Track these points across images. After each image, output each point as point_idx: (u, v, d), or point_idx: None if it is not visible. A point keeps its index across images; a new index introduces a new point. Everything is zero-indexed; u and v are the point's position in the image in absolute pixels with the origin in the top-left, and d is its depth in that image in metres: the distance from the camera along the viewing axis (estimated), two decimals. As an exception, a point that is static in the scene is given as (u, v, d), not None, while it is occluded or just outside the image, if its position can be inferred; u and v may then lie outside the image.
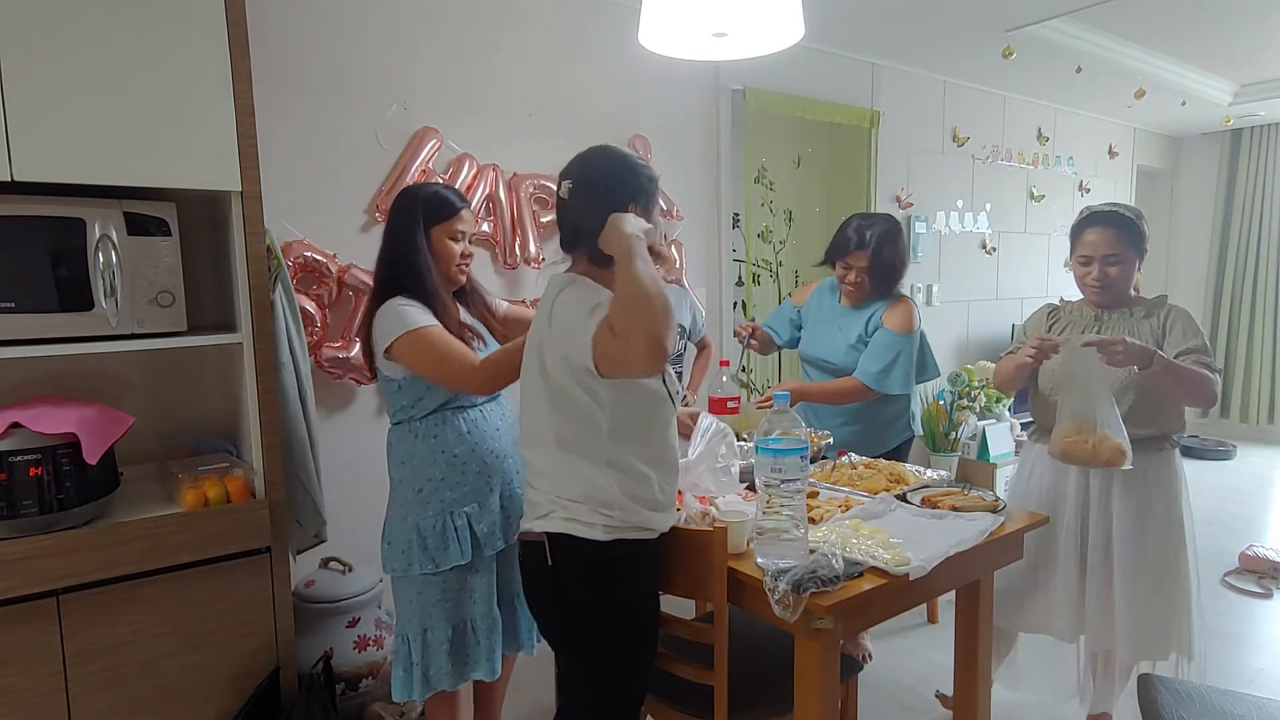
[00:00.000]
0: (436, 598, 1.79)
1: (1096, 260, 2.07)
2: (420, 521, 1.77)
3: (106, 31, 1.64)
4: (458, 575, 1.79)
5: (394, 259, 1.81)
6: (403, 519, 1.80)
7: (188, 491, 1.78)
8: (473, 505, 1.80)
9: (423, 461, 1.78)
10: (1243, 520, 4.29)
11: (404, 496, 1.81)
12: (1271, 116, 5.67)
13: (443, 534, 1.76)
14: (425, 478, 1.78)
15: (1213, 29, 3.79)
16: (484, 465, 1.82)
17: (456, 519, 1.78)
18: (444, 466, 1.78)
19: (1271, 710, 1.66)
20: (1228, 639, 2.94)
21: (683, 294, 2.98)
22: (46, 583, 1.61)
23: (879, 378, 2.39)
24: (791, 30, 1.84)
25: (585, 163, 1.53)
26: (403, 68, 2.61)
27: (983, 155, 4.82)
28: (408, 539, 1.78)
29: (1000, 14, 3.41)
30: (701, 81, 3.40)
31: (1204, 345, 1.99)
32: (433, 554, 1.77)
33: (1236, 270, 6.16)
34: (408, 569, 1.78)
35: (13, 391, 1.90)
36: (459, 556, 1.77)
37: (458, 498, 1.79)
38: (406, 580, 1.80)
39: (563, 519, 1.42)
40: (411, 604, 1.81)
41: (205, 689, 1.82)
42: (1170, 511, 2.05)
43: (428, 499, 1.78)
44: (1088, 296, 2.16)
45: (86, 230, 1.69)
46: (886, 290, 2.48)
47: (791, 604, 1.40)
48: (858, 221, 2.44)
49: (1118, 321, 2.10)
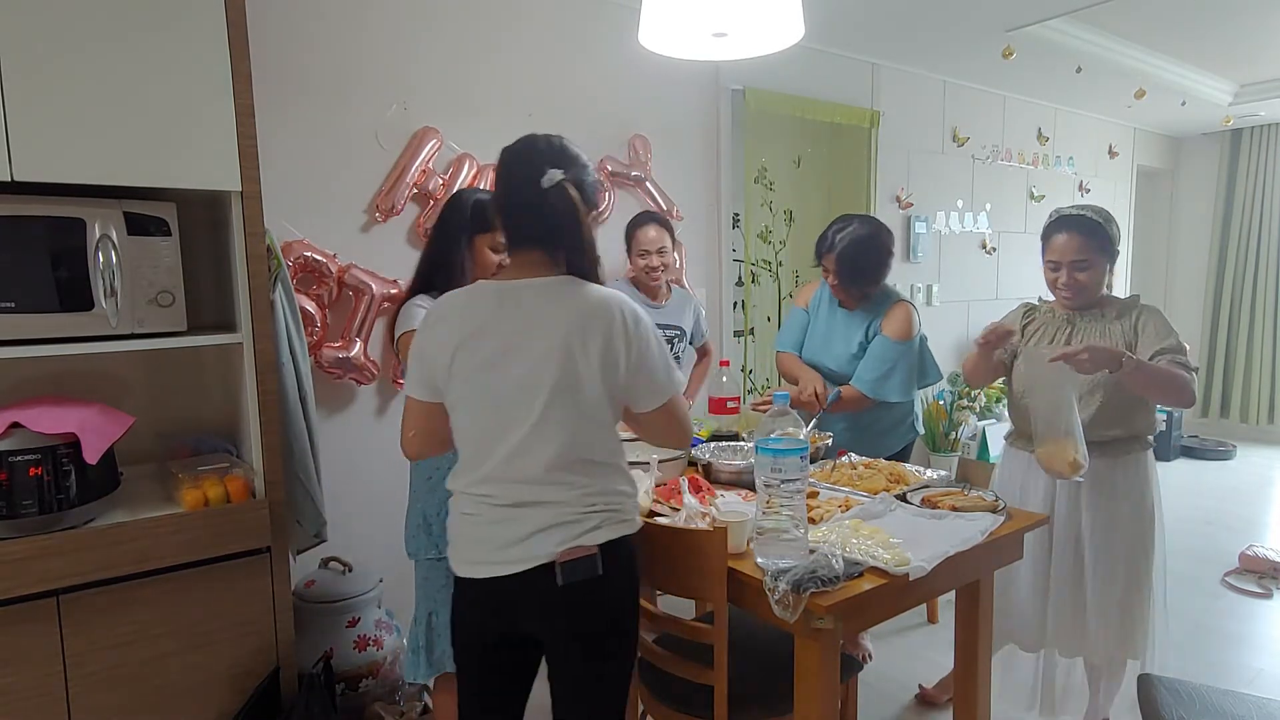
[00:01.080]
0: (441, 582, 1.83)
1: (1064, 266, 2.05)
2: (426, 508, 1.86)
3: (106, 32, 1.64)
4: None
5: (433, 259, 1.91)
6: (414, 504, 1.89)
7: (188, 491, 1.78)
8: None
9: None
10: (1243, 520, 4.29)
11: (417, 483, 1.90)
12: (1271, 116, 5.67)
13: (447, 521, 1.77)
14: (434, 465, 1.84)
15: (1213, 29, 3.79)
16: None
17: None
18: (452, 456, 1.77)
19: (1271, 710, 1.66)
20: (1228, 639, 2.94)
21: (686, 297, 2.98)
22: (46, 583, 1.61)
23: (876, 385, 2.38)
24: (791, 30, 1.84)
25: (565, 153, 1.40)
26: (403, 68, 2.61)
27: (983, 155, 4.82)
28: (417, 524, 1.87)
29: (1000, 14, 3.41)
30: (701, 81, 3.40)
31: (1178, 345, 1.96)
32: (436, 540, 1.84)
33: (1236, 270, 6.16)
34: (417, 553, 1.88)
35: (13, 391, 1.90)
36: None
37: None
38: (419, 565, 1.89)
39: (612, 525, 1.39)
40: (420, 588, 1.90)
41: (205, 689, 1.82)
42: (1139, 515, 2.04)
43: (435, 486, 1.84)
44: (1058, 301, 2.15)
45: (86, 230, 1.69)
46: (859, 293, 2.45)
47: (791, 604, 1.40)
48: (837, 224, 2.43)
49: (1089, 323, 2.08)
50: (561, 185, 1.35)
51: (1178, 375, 1.90)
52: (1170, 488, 4.75)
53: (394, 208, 2.59)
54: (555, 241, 1.39)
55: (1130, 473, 2.05)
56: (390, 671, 2.26)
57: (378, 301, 2.55)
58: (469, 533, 1.42)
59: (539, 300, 1.37)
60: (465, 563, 1.42)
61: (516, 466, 1.36)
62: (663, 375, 1.42)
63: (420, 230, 2.66)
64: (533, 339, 1.35)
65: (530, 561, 1.34)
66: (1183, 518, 4.24)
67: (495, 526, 1.38)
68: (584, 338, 1.34)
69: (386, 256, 2.62)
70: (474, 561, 1.40)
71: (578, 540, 1.34)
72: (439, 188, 2.65)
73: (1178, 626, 2.71)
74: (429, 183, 2.64)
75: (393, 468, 2.68)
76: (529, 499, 1.36)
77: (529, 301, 1.37)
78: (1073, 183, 5.54)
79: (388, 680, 2.24)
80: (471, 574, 1.41)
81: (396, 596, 2.54)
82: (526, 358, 1.34)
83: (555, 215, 1.36)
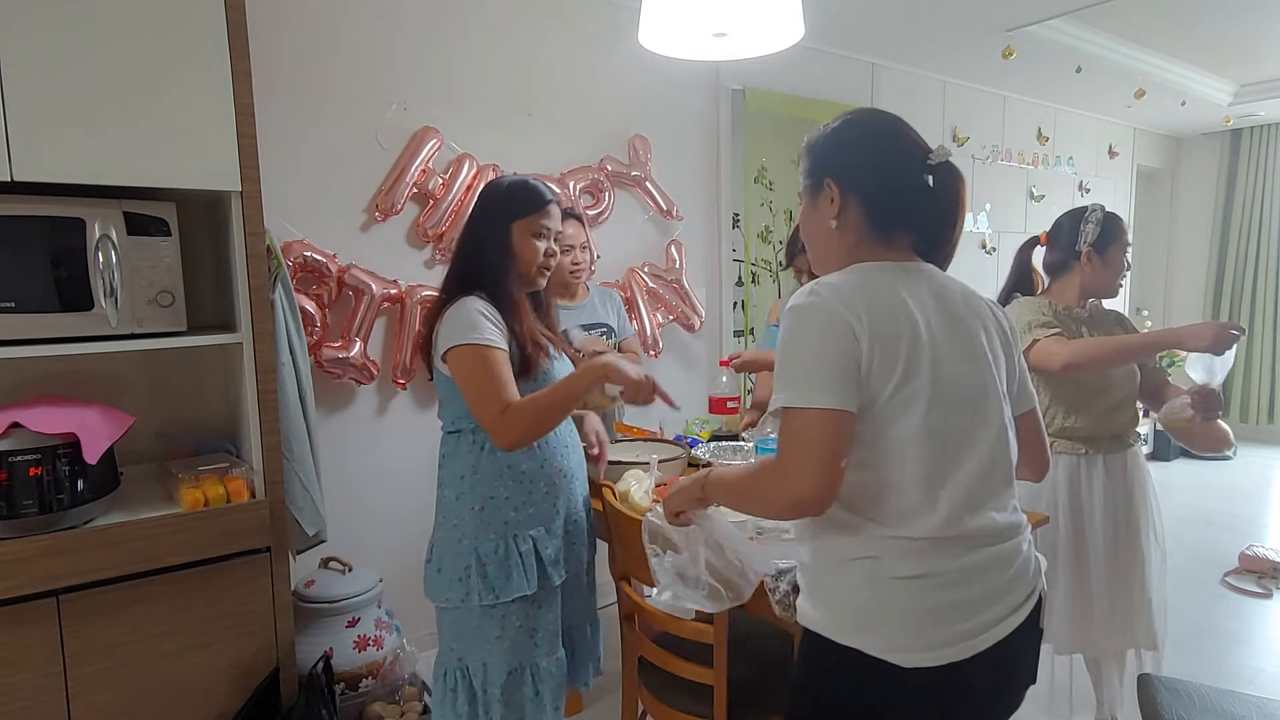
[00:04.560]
0: (494, 633, 1.59)
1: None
2: (480, 545, 1.58)
3: (106, 32, 1.64)
4: (520, 608, 1.60)
5: (471, 254, 1.64)
6: (457, 541, 1.60)
7: (188, 491, 1.78)
8: (538, 529, 1.62)
9: (486, 477, 1.59)
10: (1243, 520, 4.29)
11: (459, 516, 1.60)
12: (1271, 116, 5.67)
13: (505, 560, 1.58)
14: (487, 495, 1.59)
15: (1213, 29, 3.79)
16: (552, 484, 1.64)
17: (521, 543, 1.59)
18: (510, 484, 1.60)
19: (1271, 710, 1.65)
20: (1228, 639, 2.94)
21: (606, 293, 2.79)
22: (46, 583, 1.61)
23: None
24: (791, 30, 1.84)
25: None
26: (403, 68, 2.61)
27: (983, 155, 4.82)
28: (464, 565, 1.58)
29: (1000, 14, 3.41)
30: (701, 81, 3.40)
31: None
32: (493, 583, 1.57)
33: (1236, 270, 6.16)
34: (464, 599, 1.58)
35: (13, 391, 1.90)
36: (524, 586, 1.57)
37: (522, 519, 1.60)
38: (462, 611, 1.60)
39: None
40: (468, 636, 1.61)
41: (205, 689, 1.82)
42: (1136, 506, 2.06)
43: (489, 520, 1.59)
44: (1112, 294, 2.12)
45: (86, 230, 1.69)
46: None
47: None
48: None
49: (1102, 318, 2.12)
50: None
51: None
52: (1170, 488, 4.77)
53: (394, 207, 2.59)
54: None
55: (1130, 466, 2.07)
56: (390, 671, 2.25)
57: (378, 301, 2.55)
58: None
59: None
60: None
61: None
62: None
63: (420, 230, 2.66)
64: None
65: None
66: (1183, 518, 4.24)
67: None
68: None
69: (386, 256, 2.62)
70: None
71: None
72: (439, 187, 2.65)
73: (1178, 626, 2.71)
74: (429, 182, 2.64)
75: (393, 468, 2.69)
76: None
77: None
78: (1073, 183, 5.54)
79: (388, 680, 2.24)
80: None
81: (396, 596, 2.54)
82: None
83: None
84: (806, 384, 1.04)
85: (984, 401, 1.12)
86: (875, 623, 1.07)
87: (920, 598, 1.06)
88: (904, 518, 1.07)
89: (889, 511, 1.07)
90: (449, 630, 1.64)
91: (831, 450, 1.02)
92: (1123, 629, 2.07)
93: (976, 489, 1.09)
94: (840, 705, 1.11)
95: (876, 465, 1.08)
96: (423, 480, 2.75)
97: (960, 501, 1.07)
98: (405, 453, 2.70)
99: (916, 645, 1.05)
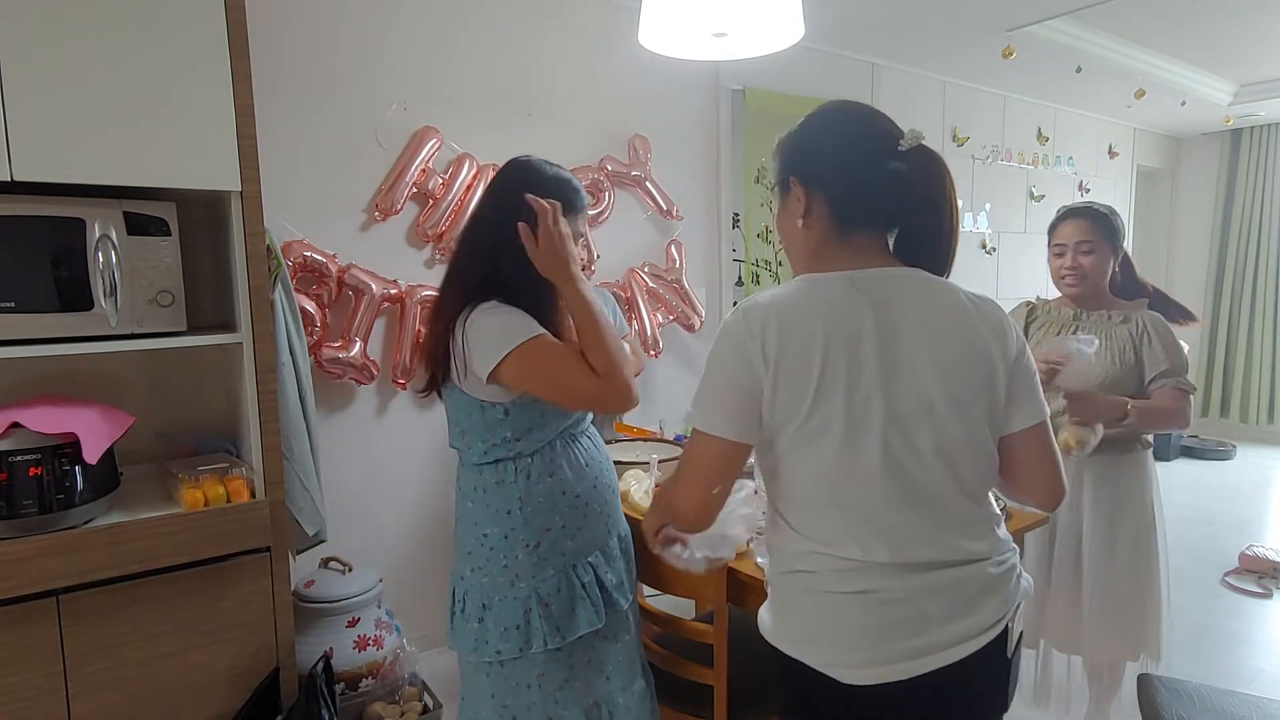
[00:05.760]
0: (563, 678, 1.42)
1: (1069, 248, 2.09)
2: (540, 586, 1.39)
3: (106, 31, 1.64)
4: (586, 645, 1.45)
5: (490, 249, 1.41)
6: (509, 586, 1.40)
7: (188, 491, 1.78)
8: (595, 554, 1.46)
9: (540, 507, 1.41)
10: (1243, 520, 4.28)
11: (510, 558, 1.40)
12: (1271, 116, 5.67)
13: (569, 596, 1.41)
14: (543, 528, 1.40)
15: (1213, 29, 3.79)
16: (604, 503, 1.49)
17: (582, 574, 1.43)
18: (566, 510, 1.43)
19: (1271, 710, 1.65)
20: (1228, 639, 2.94)
21: (604, 294, 2.78)
22: (46, 583, 1.61)
23: None
24: (791, 30, 1.84)
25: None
26: (403, 68, 2.61)
27: (982, 155, 4.82)
28: (523, 610, 1.39)
29: (1000, 14, 3.41)
30: (701, 81, 3.40)
31: (1182, 364, 1.98)
32: (557, 623, 1.39)
33: (1236, 270, 6.16)
34: (523, 649, 1.39)
35: (13, 391, 1.90)
36: (591, 620, 1.42)
37: (579, 547, 1.44)
38: (521, 663, 1.42)
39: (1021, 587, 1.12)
40: (529, 690, 1.41)
41: (205, 689, 1.82)
42: (1141, 513, 2.04)
43: (546, 555, 1.40)
44: (1062, 289, 2.16)
45: (86, 230, 1.69)
46: None
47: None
48: None
49: (1095, 323, 2.08)
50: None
51: (1177, 409, 1.94)
52: (1170, 488, 4.75)
53: (394, 207, 2.59)
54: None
55: (1130, 472, 2.05)
56: (390, 671, 2.25)
57: (377, 301, 2.55)
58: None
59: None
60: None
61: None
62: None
63: (420, 230, 2.66)
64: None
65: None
66: (1183, 518, 4.24)
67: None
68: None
69: (386, 256, 2.62)
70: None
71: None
72: (439, 187, 2.65)
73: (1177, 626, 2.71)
74: (429, 182, 2.64)
75: (393, 468, 2.69)
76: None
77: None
78: (1073, 183, 5.54)
79: (388, 680, 2.24)
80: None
81: (396, 596, 2.54)
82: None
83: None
84: (708, 409, 1.06)
85: (931, 424, 1.02)
86: (817, 635, 1.06)
87: (860, 613, 1.03)
88: (835, 542, 1.04)
89: (821, 534, 1.05)
90: (498, 686, 1.43)
91: (713, 476, 1.06)
92: (1114, 639, 2.05)
93: (919, 515, 1.03)
94: (794, 715, 1.13)
95: (794, 494, 1.07)
96: (422, 480, 2.76)
97: (896, 527, 1.02)
98: (405, 453, 2.70)
99: (854, 661, 1.03)
